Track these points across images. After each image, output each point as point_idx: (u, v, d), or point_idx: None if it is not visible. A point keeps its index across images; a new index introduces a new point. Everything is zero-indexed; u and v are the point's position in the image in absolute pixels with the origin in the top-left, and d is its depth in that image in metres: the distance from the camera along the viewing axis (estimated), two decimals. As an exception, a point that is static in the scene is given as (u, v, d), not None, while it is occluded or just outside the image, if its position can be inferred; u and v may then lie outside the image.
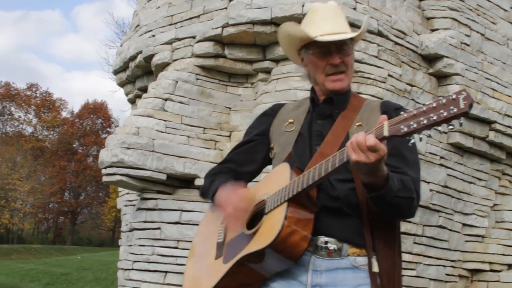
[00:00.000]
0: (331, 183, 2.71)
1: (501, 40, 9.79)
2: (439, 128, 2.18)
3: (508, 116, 9.52)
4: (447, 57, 8.83)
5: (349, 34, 2.87)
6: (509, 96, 9.63)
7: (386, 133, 2.28)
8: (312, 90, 3.03)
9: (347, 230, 2.69)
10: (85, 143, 62.59)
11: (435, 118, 2.15)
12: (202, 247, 3.16)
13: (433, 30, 9.14)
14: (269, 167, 3.15)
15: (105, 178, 8.31)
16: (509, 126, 9.53)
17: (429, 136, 2.23)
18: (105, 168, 8.19)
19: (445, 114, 2.14)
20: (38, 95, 63.81)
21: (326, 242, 2.68)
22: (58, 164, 59.23)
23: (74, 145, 63.76)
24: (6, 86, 61.97)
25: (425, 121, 2.17)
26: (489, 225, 9.60)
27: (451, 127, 2.18)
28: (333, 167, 2.46)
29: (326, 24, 2.87)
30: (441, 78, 9.08)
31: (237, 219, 2.79)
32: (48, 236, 64.57)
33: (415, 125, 2.19)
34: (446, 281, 8.96)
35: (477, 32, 9.44)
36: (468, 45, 9.21)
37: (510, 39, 9.94)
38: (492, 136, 9.37)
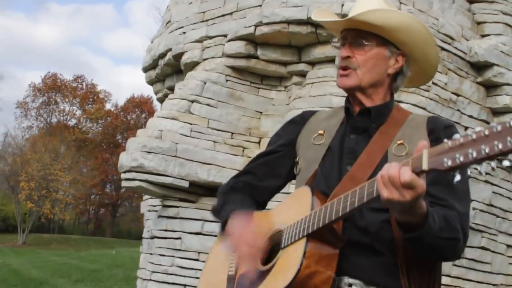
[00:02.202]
0: (361, 211, 2.29)
1: (557, 48, 9.08)
2: (492, 163, 1.72)
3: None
4: (497, 65, 8.26)
5: (347, 17, 2.43)
6: None
7: (425, 166, 1.85)
8: (348, 98, 2.57)
9: (376, 271, 2.28)
10: (128, 136, 62.55)
11: (487, 151, 1.70)
12: (212, 278, 2.76)
13: (483, 36, 8.57)
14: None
15: (124, 183, 7.89)
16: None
17: (480, 173, 1.75)
18: (124, 172, 7.74)
19: (500, 146, 1.68)
20: (84, 86, 64.40)
21: (350, 285, 2.28)
22: (101, 156, 59.81)
23: (118, 138, 64.16)
24: (53, 78, 62.62)
25: (474, 154, 1.72)
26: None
27: (507, 163, 1.70)
28: (360, 202, 2.05)
29: (354, 10, 2.45)
30: (490, 88, 8.50)
31: (251, 259, 2.37)
32: (89, 227, 65.27)
33: (461, 158, 1.75)
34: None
35: (532, 38, 8.77)
36: (521, 52, 8.56)
37: None
38: (542, 151, 8.68)
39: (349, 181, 2.32)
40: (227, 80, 8.36)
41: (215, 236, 7.60)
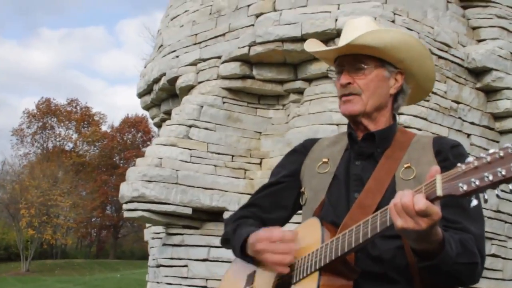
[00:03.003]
0: (373, 240, 2.16)
1: (555, 49, 9.00)
2: (510, 185, 1.64)
3: None
4: (496, 69, 8.19)
5: (341, 44, 2.39)
6: None
7: (439, 192, 1.78)
8: (350, 124, 2.51)
9: None
10: (126, 157, 62.84)
11: (503, 173, 1.64)
12: None
13: (479, 41, 8.48)
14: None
15: (126, 214, 7.77)
16: None
17: (498, 197, 1.69)
18: (126, 203, 7.62)
19: None
20: (78, 110, 64.31)
21: None
22: (100, 179, 59.62)
23: (115, 159, 64.06)
24: (47, 103, 62.53)
25: (490, 177, 1.65)
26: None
27: None
28: (374, 232, 1.98)
29: (345, 37, 2.42)
30: (490, 93, 8.42)
31: (284, 259, 2.22)
32: (92, 250, 65.02)
33: (477, 182, 1.68)
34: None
35: (528, 41, 8.69)
36: (519, 55, 8.47)
37: None
38: (546, 154, 8.58)
39: (358, 209, 2.24)
40: (224, 102, 8.25)
41: (222, 262, 7.52)
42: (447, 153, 2.28)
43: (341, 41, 2.41)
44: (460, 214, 2.17)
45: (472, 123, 8.17)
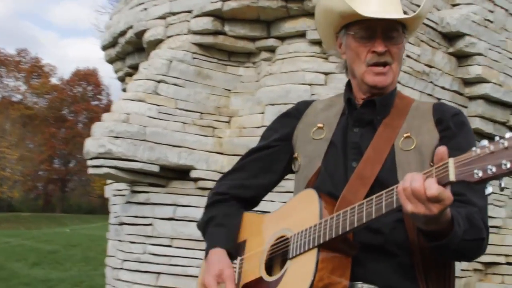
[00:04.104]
0: None
1: (527, 16, 9.00)
2: None
3: (533, 100, 8.74)
4: (469, 35, 8.11)
5: (402, 15, 2.27)
6: (535, 78, 8.85)
7: (452, 177, 1.69)
8: (348, 87, 2.41)
9: (392, 274, 2.14)
10: (75, 110, 61.99)
11: None
12: None
13: (454, 5, 8.37)
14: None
15: (90, 171, 7.50)
16: (533, 111, 8.79)
17: (502, 189, 1.61)
18: (91, 159, 7.36)
19: None
20: (27, 60, 62.99)
21: None
22: (48, 131, 58.82)
23: (64, 112, 63.15)
24: (-5, 52, 61.09)
25: (508, 165, 1.54)
26: (506, 215, 8.92)
27: None
28: (379, 213, 1.91)
29: (374, 1, 2.27)
30: (462, 58, 8.38)
31: None
32: (38, 204, 64.23)
33: (494, 170, 1.58)
34: (461, 277, 8.32)
35: (501, 7, 8.73)
36: (491, 21, 8.47)
37: (536, 15, 9.13)
38: (513, 121, 8.74)
39: (357, 180, 2.18)
40: (193, 58, 7.98)
41: (188, 221, 7.39)
42: (448, 122, 2.22)
43: (373, 4, 2.26)
44: (464, 187, 2.08)
45: (443, 87, 8.12)
